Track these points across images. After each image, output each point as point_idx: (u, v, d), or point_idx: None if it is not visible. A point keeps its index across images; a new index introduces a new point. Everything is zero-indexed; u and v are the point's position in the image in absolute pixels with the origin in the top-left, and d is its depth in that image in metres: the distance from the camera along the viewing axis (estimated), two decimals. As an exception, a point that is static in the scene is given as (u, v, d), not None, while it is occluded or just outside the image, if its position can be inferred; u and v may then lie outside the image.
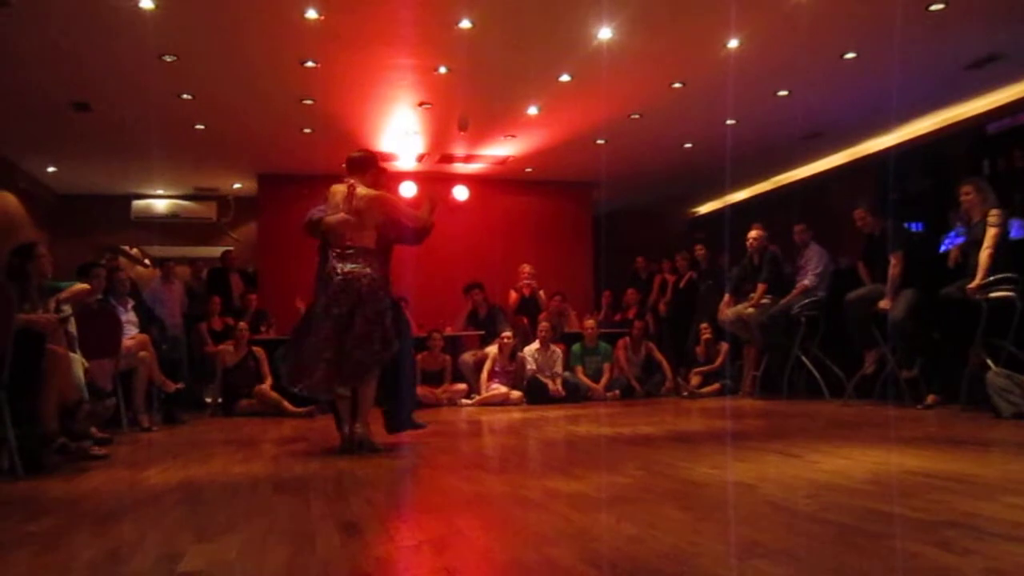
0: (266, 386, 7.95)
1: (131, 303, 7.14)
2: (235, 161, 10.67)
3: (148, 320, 7.51)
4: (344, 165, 4.92)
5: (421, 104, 8.39)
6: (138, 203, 12.33)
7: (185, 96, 7.80)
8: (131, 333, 6.80)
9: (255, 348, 8.28)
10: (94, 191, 11.88)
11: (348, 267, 4.55)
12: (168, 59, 6.84)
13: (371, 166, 4.90)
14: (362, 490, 3.37)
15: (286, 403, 7.67)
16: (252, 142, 9.70)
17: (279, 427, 6.64)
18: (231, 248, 10.94)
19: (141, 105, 7.98)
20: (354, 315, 4.50)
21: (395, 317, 4.74)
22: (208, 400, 8.51)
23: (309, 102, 8.12)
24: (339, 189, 4.75)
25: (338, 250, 4.61)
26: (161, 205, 12.46)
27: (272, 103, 8.21)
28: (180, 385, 7.35)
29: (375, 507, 3.00)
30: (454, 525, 2.63)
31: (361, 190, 4.69)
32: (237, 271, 10.41)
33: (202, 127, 8.83)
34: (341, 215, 4.62)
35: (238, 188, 12.14)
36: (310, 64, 7.09)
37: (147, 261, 13.59)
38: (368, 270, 4.56)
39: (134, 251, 13.38)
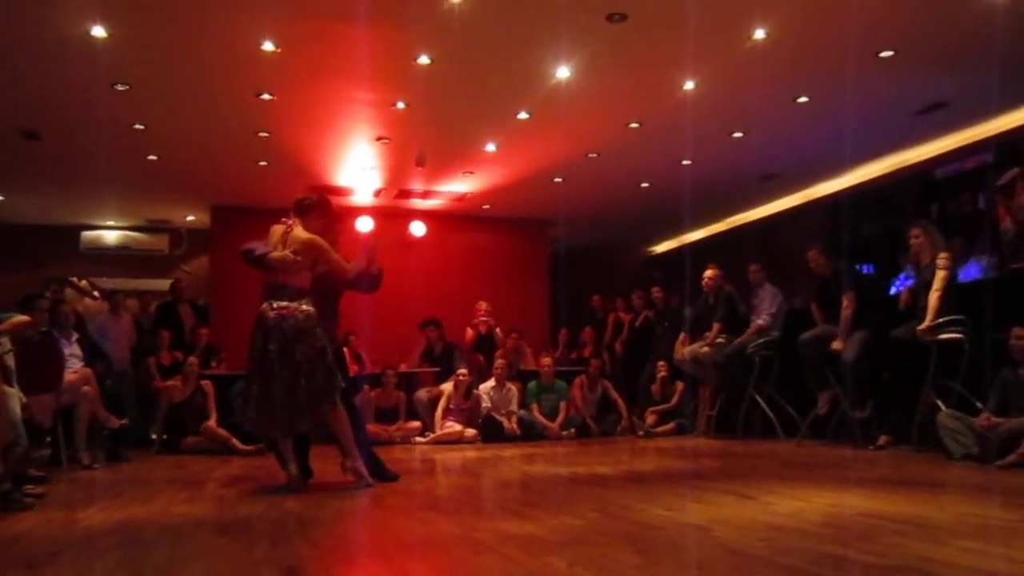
0: (212, 422, 7.75)
1: (75, 336, 6.94)
2: (188, 192, 10.49)
3: (93, 354, 7.29)
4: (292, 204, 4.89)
5: (379, 139, 8.35)
6: (88, 234, 12.05)
7: (138, 126, 7.66)
8: (74, 367, 6.59)
9: (204, 383, 8.08)
10: (42, 221, 11.57)
11: (281, 303, 4.55)
12: (120, 88, 6.72)
13: (318, 211, 4.86)
14: (308, 532, 3.27)
15: (235, 440, 7.49)
16: (206, 173, 9.55)
17: (226, 465, 6.46)
18: (181, 279, 10.67)
19: (92, 134, 7.81)
20: (293, 352, 4.47)
21: (337, 359, 4.75)
22: (154, 436, 8.26)
23: (264, 134, 8.03)
24: (277, 229, 4.75)
25: (273, 287, 4.61)
26: (111, 236, 12.19)
27: (227, 134, 8.11)
28: (124, 421, 7.11)
29: (320, 550, 2.91)
30: (401, 569, 2.55)
31: (297, 232, 4.67)
32: (187, 302, 10.17)
33: (155, 158, 8.66)
34: (285, 252, 4.59)
35: (191, 220, 11.94)
36: (266, 96, 7.02)
37: (96, 293, 13.27)
38: (303, 307, 4.56)
39: (83, 283, 13.06)
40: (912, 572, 2.28)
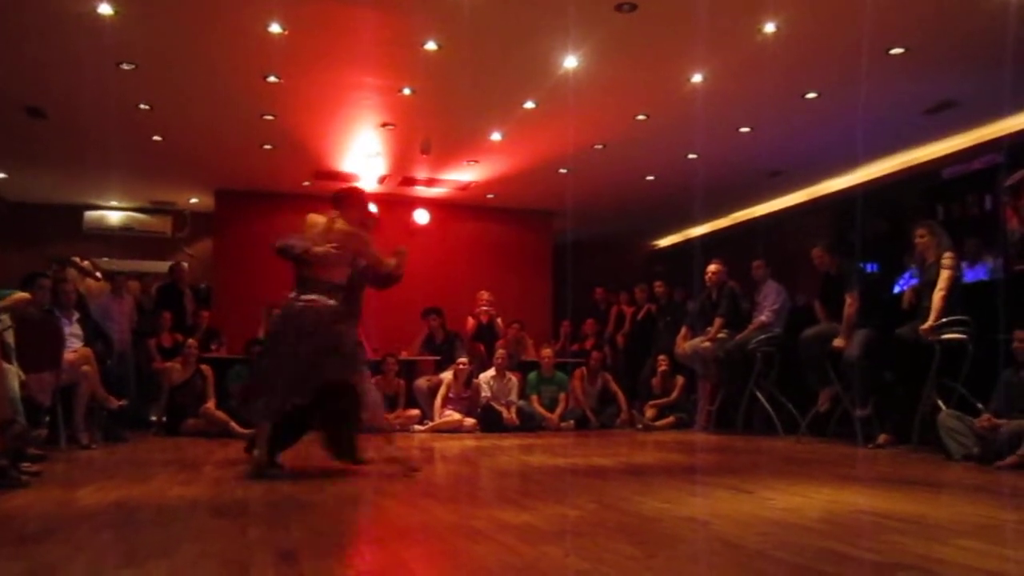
0: (211, 405, 7.74)
1: (76, 316, 6.92)
2: (192, 175, 10.47)
3: (94, 334, 7.28)
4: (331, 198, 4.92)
5: (384, 125, 8.32)
6: (91, 214, 12.03)
7: (143, 106, 7.63)
8: (74, 346, 6.58)
9: (203, 367, 8.07)
10: (46, 200, 11.55)
11: (312, 296, 4.52)
12: (126, 67, 6.69)
13: (357, 204, 4.88)
14: (305, 517, 3.26)
15: (233, 424, 7.47)
16: (211, 156, 9.52)
17: (224, 448, 6.44)
18: (183, 262, 10.64)
19: (97, 113, 7.78)
20: (313, 339, 4.44)
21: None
22: (153, 418, 8.26)
23: (270, 118, 8.00)
24: (318, 220, 4.71)
25: (307, 280, 4.58)
26: (114, 217, 12.18)
27: (232, 117, 8.07)
28: (123, 402, 7.11)
29: (316, 535, 2.89)
30: (397, 556, 2.54)
31: (341, 225, 4.66)
32: (188, 287, 10.14)
33: (159, 139, 8.64)
34: (328, 247, 4.56)
35: (195, 203, 11.93)
36: (272, 79, 6.99)
37: (98, 274, 13.26)
38: (332, 302, 4.55)
39: (85, 263, 13.04)
40: (910, 570, 2.27)
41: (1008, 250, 7.47)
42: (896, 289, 7.66)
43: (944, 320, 5.70)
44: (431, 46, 6.34)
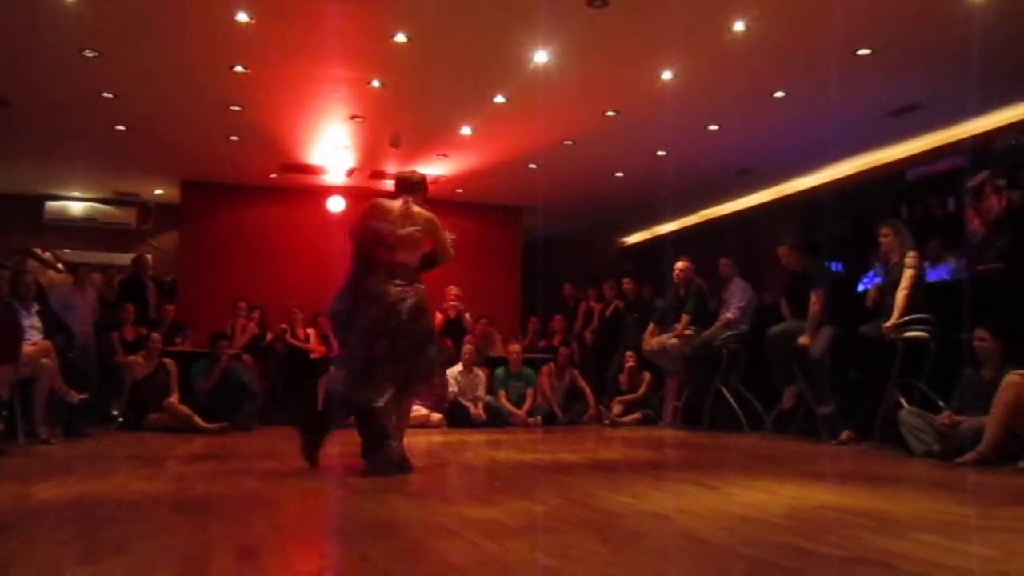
0: (175, 400, 7.63)
1: (36, 308, 6.77)
2: (157, 166, 10.32)
3: (55, 327, 7.13)
4: (395, 184, 5.00)
5: (353, 118, 8.25)
6: (52, 204, 11.80)
7: (106, 94, 7.49)
8: (34, 339, 6.45)
9: (167, 360, 7.95)
10: (4, 190, 11.33)
11: (399, 282, 4.52)
12: (89, 54, 6.56)
13: (423, 188, 4.95)
14: (267, 512, 3.22)
15: (197, 418, 7.38)
16: (176, 146, 9.38)
17: (188, 443, 6.36)
18: (147, 255, 10.47)
19: (59, 101, 7.65)
20: (414, 328, 4.51)
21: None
22: (115, 413, 8.13)
23: (237, 108, 7.90)
24: (394, 205, 4.70)
25: (391, 266, 4.55)
26: (77, 208, 11.96)
27: (198, 107, 7.96)
28: (84, 396, 6.99)
29: (278, 531, 2.86)
30: (360, 552, 2.51)
31: (418, 209, 4.71)
32: (152, 279, 9.99)
33: (123, 128, 8.49)
34: (411, 229, 4.60)
35: (160, 194, 11.75)
36: (239, 69, 6.90)
37: (60, 266, 13.02)
38: (419, 286, 4.62)
39: (47, 255, 12.80)
40: (871, 564, 2.28)
41: (970, 251, 7.58)
42: (860, 288, 7.74)
43: (907, 318, 5.77)
44: (401, 38, 6.29)
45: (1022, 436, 4.73)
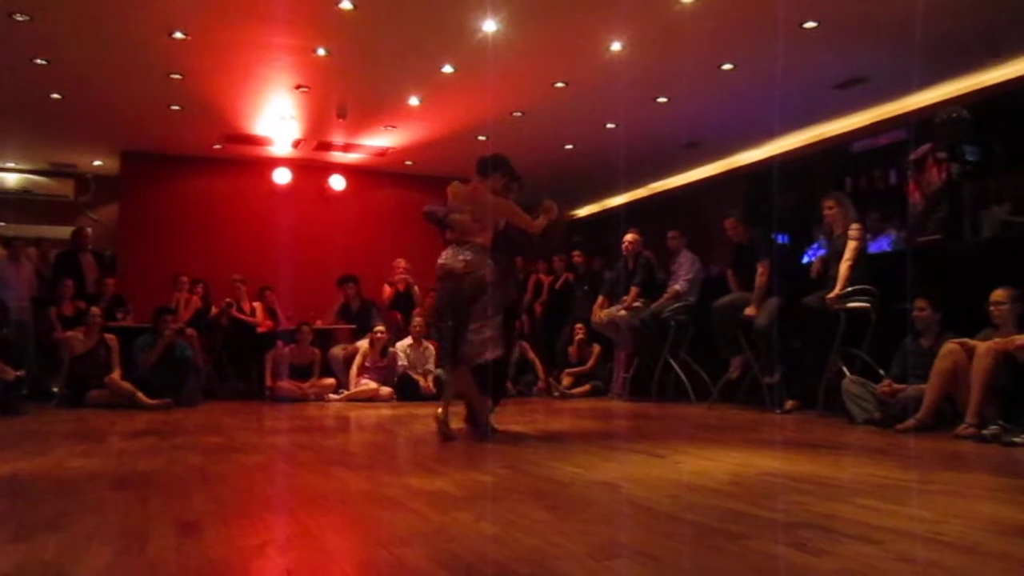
0: (116, 376, 7.46)
1: (-33, 283, 6.57)
2: (96, 136, 10.00)
3: (-12, 302, 6.93)
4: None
5: (298, 87, 8.08)
6: (-16, 175, 11.43)
7: (39, 61, 7.20)
8: (-35, 314, 6.25)
9: (107, 336, 7.76)
10: (-66, 161, 10.93)
11: (466, 256, 4.71)
12: (20, 18, 6.28)
13: (501, 169, 5.08)
14: (209, 487, 3.16)
15: (140, 394, 7.22)
16: (115, 116, 9.08)
17: (130, 419, 6.23)
18: (86, 228, 10.17)
19: (-11, 68, 7.36)
20: (472, 304, 4.66)
21: (505, 324, 4.90)
22: (55, 390, 7.92)
23: (177, 77, 7.66)
24: (461, 189, 5.00)
25: (457, 243, 4.84)
26: (11, 179, 11.56)
27: (136, 75, 7.69)
28: (21, 373, 6.80)
29: (220, 505, 2.80)
30: (304, 524, 2.47)
31: (484, 196, 4.89)
32: (90, 252, 9.72)
33: (58, 96, 8.20)
34: (464, 216, 4.83)
35: (99, 165, 11.40)
36: (178, 35, 6.67)
37: (-5, 240, 12.63)
38: (488, 263, 4.73)
39: (-20, 229, 12.40)
40: (813, 528, 2.32)
41: (910, 222, 7.73)
42: (805, 259, 7.86)
43: (849, 289, 5.87)
44: (346, 5, 6.15)
45: (959, 403, 4.86)
